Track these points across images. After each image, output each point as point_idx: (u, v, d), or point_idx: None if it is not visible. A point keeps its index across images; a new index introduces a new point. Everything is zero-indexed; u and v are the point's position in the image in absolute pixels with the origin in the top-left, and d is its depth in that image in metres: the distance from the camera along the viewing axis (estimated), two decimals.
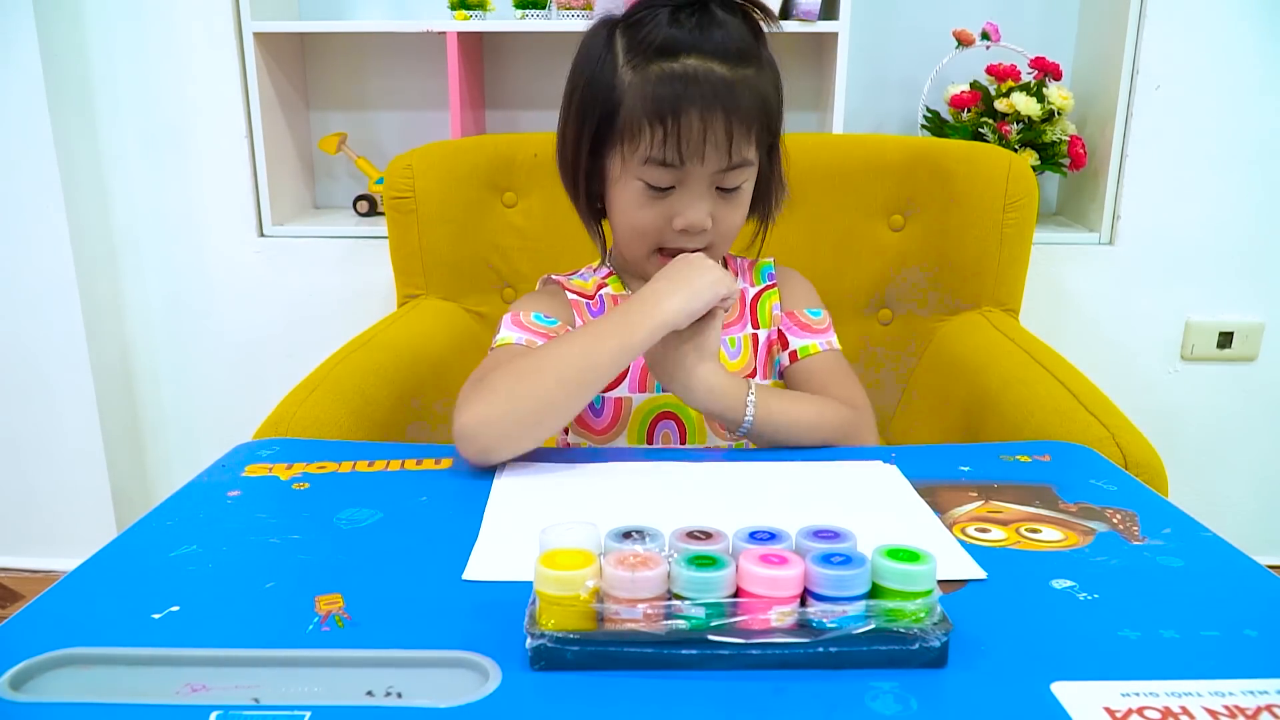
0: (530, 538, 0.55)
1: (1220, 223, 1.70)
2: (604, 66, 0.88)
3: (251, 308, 1.80)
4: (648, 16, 0.86)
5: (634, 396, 0.96)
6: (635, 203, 0.89)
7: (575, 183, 0.94)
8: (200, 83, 1.70)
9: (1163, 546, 0.67)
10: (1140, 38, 1.62)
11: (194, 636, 0.54)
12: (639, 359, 0.92)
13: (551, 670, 0.51)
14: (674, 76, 0.84)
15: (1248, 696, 0.49)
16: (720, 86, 0.84)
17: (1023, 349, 1.21)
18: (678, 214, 0.88)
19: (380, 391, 1.09)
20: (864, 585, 0.51)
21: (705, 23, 0.85)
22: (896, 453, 0.86)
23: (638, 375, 0.95)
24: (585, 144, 0.91)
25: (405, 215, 1.43)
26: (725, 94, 0.84)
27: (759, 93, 0.87)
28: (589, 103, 0.89)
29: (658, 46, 0.85)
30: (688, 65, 0.84)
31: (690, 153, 0.85)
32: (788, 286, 1.03)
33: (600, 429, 0.97)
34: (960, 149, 1.47)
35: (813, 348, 0.97)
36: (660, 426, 0.96)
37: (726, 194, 0.89)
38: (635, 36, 0.87)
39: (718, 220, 0.90)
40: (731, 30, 0.85)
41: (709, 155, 0.85)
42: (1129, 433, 0.94)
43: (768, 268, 1.04)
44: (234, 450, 0.85)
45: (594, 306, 1.00)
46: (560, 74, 0.94)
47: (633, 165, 0.87)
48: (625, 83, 0.87)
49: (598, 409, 0.97)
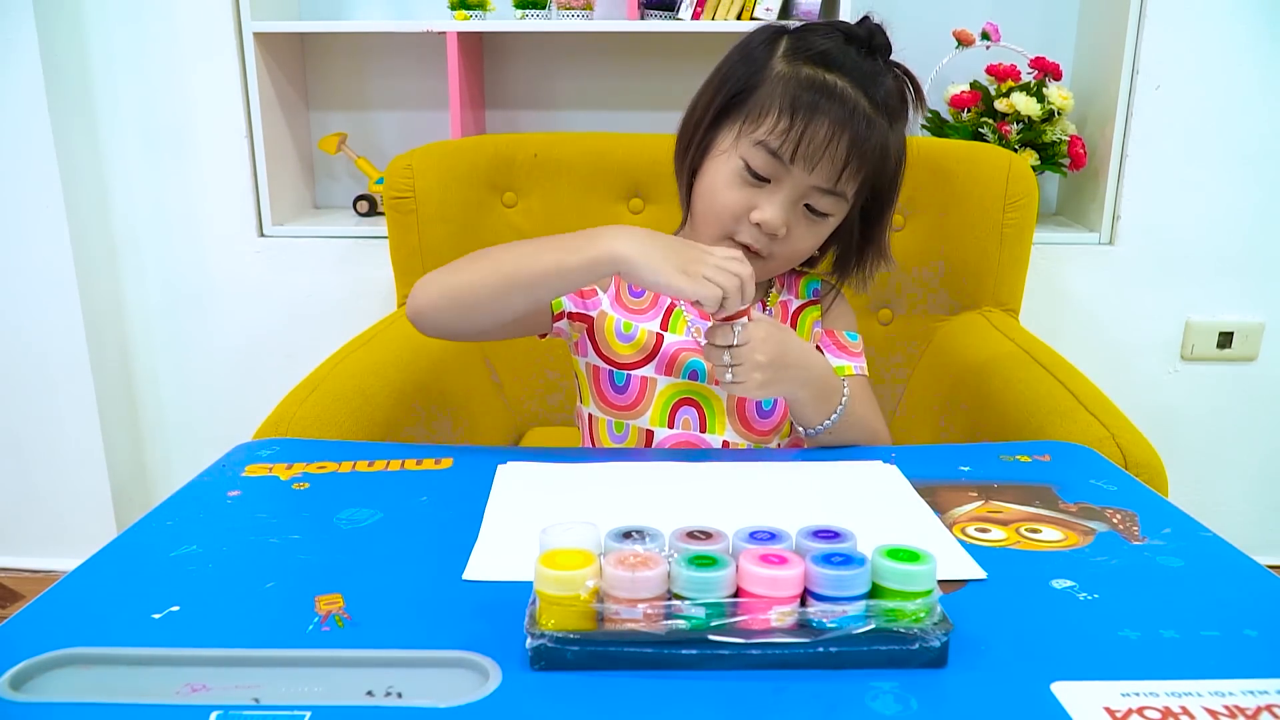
0: (530, 538, 0.55)
1: (1220, 223, 1.70)
2: (759, 53, 0.91)
3: (251, 308, 1.79)
4: (820, 29, 0.91)
5: (659, 379, 0.96)
6: (728, 181, 0.90)
7: (687, 146, 0.95)
8: (200, 83, 1.70)
9: (1163, 546, 0.67)
10: (1140, 38, 1.62)
11: (194, 636, 0.54)
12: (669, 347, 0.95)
13: (551, 670, 0.51)
14: (822, 83, 0.87)
15: (1248, 696, 0.49)
16: (859, 114, 0.87)
17: (1023, 349, 1.21)
18: (759, 207, 0.89)
19: (380, 391, 1.09)
20: (864, 585, 0.51)
21: (869, 60, 0.89)
22: (896, 453, 0.86)
23: (666, 359, 0.96)
24: (711, 110, 0.92)
25: (405, 215, 1.43)
26: (860, 123, 0.87)
27: (887, 144, 0.90)
28: (730, 77, 0.92)
29: (818, 54, 0.88)
30: (839, 82, 0.87)
31: (803, 155, 0.86)
32: (832, 308, 1.04)
33: (625, 405, 0.97)
34: (960, 149, 1.47)
35: (847, 369, 0.98)
36: (681, 412, 0.96)
37: (811, 216, 0.90)
38: (800, 41, 0.90)
39: (791, 236, 0.91)
40: (888, 80, 0.90)
41: (819, 168, 0.87)
42: (1129, 433, 0.94)
43: (814, 283, 1.05)
44: (234, 450, 0.85)
45: (635, 288, 1.00)
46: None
47: (744, 143, 0.89)
48: (774, 70, 0.90)
49: (622, 385, 0.97)
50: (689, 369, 0.96)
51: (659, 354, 0.96)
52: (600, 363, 0.97)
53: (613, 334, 0.97)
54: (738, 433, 0.97)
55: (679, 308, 0.98)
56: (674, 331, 0.97)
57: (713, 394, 0.96)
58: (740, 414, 0.97)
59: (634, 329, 0.97)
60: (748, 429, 0.97)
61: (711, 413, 0.96)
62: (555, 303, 0.96)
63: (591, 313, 0.97)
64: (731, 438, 0.97)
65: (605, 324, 0.97)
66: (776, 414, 0.97)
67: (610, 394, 0.98)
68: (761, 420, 0.97)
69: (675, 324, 0.97)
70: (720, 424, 0.97)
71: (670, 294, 0.80)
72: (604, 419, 0.98)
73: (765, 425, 0.98)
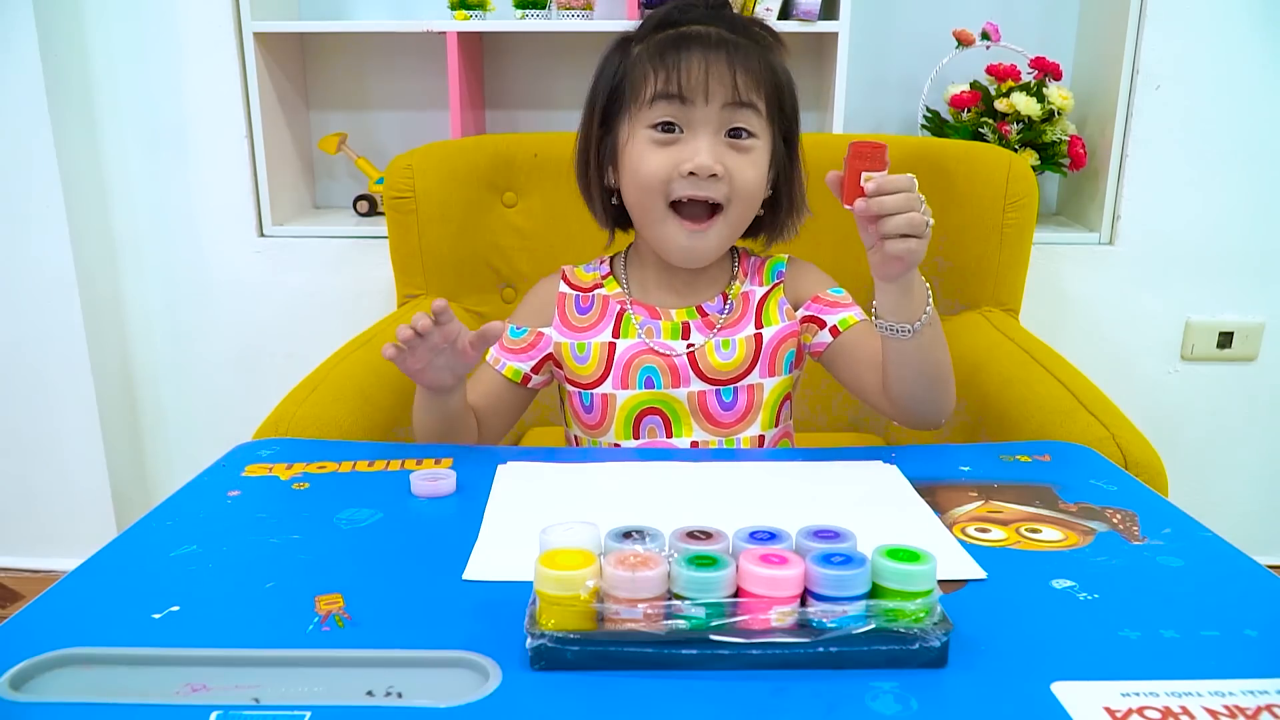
0: (530, 538, 0.55)
1: (1220, 223, 1.70)
2: (613, 58, 0.94)
3: (251, 308, 1.79)
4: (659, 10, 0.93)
5: (618, 393, 0.96)
6: (643, 153, 0.90)
7: (587, 163, 0.97)
8: (200, 83, 1.70)
9: (1163, 546, 0.67)
10: (1140, 38, 1.62)
11: (194, 636, 0.54)
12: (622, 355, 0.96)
13: (551, 670, 0.51)
14: (679, 34, 0.90)
15: (1248, 696, 0.49)
16: (723, 40, 0.89)
17: (1023, 349, 1.21)
18: (686, 160, 0.89)
19: (380, 391, 1.09)
20: (864, 585, 0.51)
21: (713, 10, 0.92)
22: (896, 453, 0.86)
23: (620, 372, 0.96)
24: (596, 120, 0.95)
25: (405, 215, 1.43)
26: (729, 44, 0.89)
27: (766, 58, 0.91)
28: (599, 88, 0.95)
29: (662, 19, 0.92)
30: (693, 27, 0.90)
31: (693, 86, 0.87)
32: (801, 277, 1.02)
33: (592, 424, 0.98)
34: (960, 149, 1.47)
35: (852, 319, 0.97)
36: (646, 421, 0.97)
37: (737, 144, 0.90)
38: (644, 24, 0.93)
39: (730, 172, 0.90)
40: (738, 16, 0.92)
41: (713, 90, 0.88)
42: (1129, 433, 0.94)
43: (779, 265, 1.02)
44: (234, 450, 0.85)
45: (583, 303, 1.01)
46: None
47: (640, 117, 0.90)
48: (632, 54, 0.92)
49: (588, 405, 0.98)
50: (644, 375, 0.96)
51: (613, 365, 0.96)
52: (570, 386, 0.99)
53: (570, 358, 0.98)
54: (705, 431, 0.97)
55: (628, 312, 0.98)
56: (626, 336, 0.97)
57: (673, 398, 0.96)
58: (704, 412, 0.96)
59: (586, 348, 0.98)
60: (714, 425, 0.97)
61: (676, 417, 0.97)
62: (510, 371, 0.99)
63: (548, 349, 0.99)
64: (700, 437, 0.97)
65: (562, 351, 0.99)
66: (739, 405, 0.97)
67: (582, 414, 0.99)
68: (725, 413, 0.97)
69: (626, 329, 0.98)
70: (687, 427, 0.97)
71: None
72: (584, 439, 1.00)
73: (730, 418, 0.97)
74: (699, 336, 0.97)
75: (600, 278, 1.02)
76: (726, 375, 0.96)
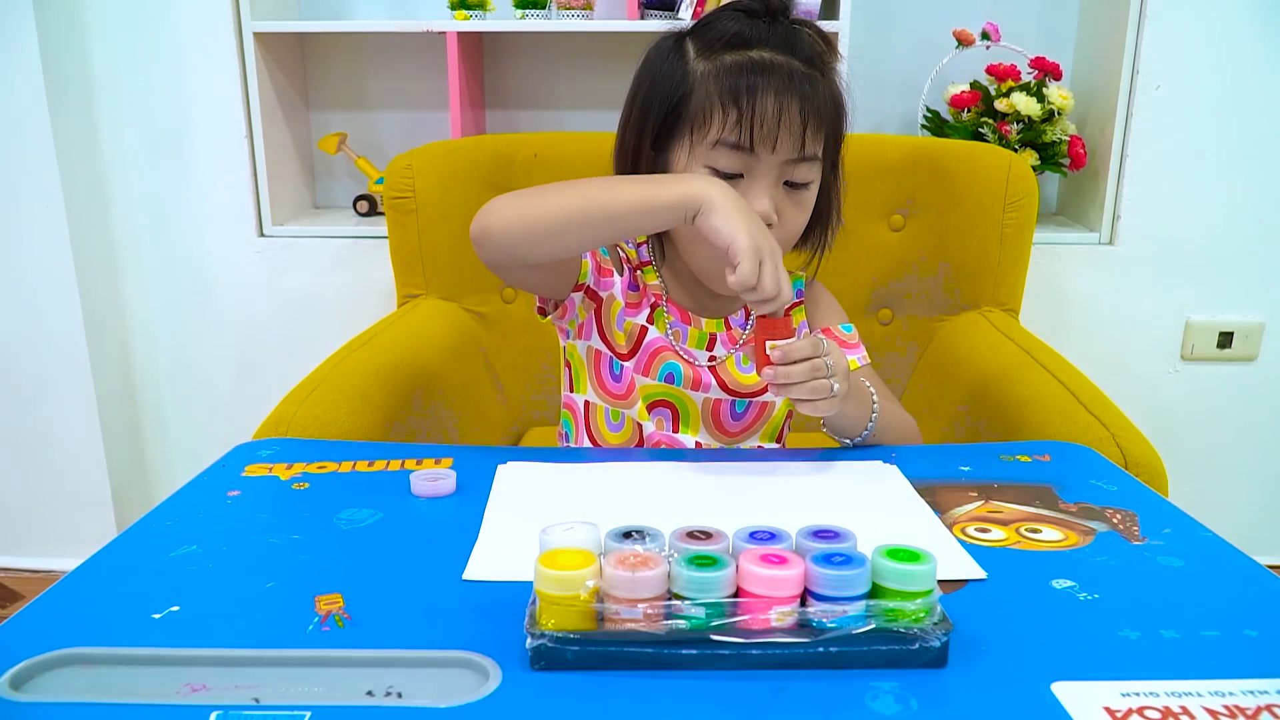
0: (530, 538, 0.55)
1: (1220, 223, 1.70)
2: (672, 64, 0.89)
3: (251, 308, 1.79)
4: (717, 18, 0.88)
5: (638, 378, 0.96)
6: None
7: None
8: (200, 83, 1.70)
9: (1163, 546, 0.67)
10: (1140, 38, 1.62)
11: (194, 636, 0.54)
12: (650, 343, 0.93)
13: (551, 670, 0.51)
14: (749, 64, 0.85)
15: (1248, 696, 0.49)
16: (797, 76, 0.85)
17: (1023, 349, 1.21)
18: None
19: (380, 391, 1.09)
20: (864, 585, 0.51)
21: (776, 25, 0.87)
22: (896, 453, 0.86)
23: (645, 358, 0.96)
24: (649, 137, 0.90)
25: (405, 215, 1.43)
26: (801, 83, 0.85)
27: (832, 94, 0.88)
28: (654, 98, 0.89)
29: (729, 39, 0.86)
30: (763, 56, 0.85)
31: (762, 137, 0.84)
32: (819, 304, 1.03)
33: (619, 394, 0.97)
34: (960, 149, 1.47)
35: (853, 364, 0.96)
36: (655, 412, 0.96)
37: (794, 191, 0.89)
38: (706, 35, 0.88)
39: (782, 219, 0.88)
40: (803, 36, 0.87)
41: (781, 142, 0.85)
42: (1129, 433, 0.94)
43: (798, 283, 1.03)
44: (234, 450, 0.85)
45: (632, 280, 0.98)
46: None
47: (701, 152, 0.87)
48: (697, 73, 0.87)
49: (618, 375, 0.97)
50: (665, 370, 0.96)
51: (641, 347, 0.96)
52: (603, 348, 0.97)
53: (615, 320, 0.96)
54: (711, 434, 0.97)
55: (661, 307, 0.97)
56: (657, 327, 0.96)
57: (687, 397, 0.96)
58: (714, 418, 0.97)
59: (623, 317, 0.96)
60: (721, 431, 0.97)
61: (686, 414, 0.97)
62: (582, 271, 0.94)
63: (603, 293, 0.96)
64: (705, 439, 0.97)
65: (611, 309, 0.96)
66: (749, 417, 0.97)
67: (609, 381, 0.97)
68: (734, 423, 0.97)
69: (659, 321, 0.97)
70: (694, 426, 0.97)
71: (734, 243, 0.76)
72: (602, 407, 0.98)
73: (737, 428, 0.98)
74: (722, 350, 0.97)
75: (640, 263, 1.00)
76: (744, 389, 0.96)
